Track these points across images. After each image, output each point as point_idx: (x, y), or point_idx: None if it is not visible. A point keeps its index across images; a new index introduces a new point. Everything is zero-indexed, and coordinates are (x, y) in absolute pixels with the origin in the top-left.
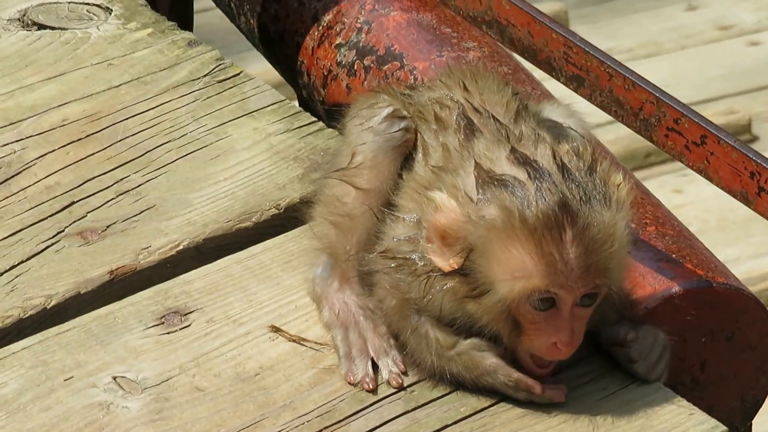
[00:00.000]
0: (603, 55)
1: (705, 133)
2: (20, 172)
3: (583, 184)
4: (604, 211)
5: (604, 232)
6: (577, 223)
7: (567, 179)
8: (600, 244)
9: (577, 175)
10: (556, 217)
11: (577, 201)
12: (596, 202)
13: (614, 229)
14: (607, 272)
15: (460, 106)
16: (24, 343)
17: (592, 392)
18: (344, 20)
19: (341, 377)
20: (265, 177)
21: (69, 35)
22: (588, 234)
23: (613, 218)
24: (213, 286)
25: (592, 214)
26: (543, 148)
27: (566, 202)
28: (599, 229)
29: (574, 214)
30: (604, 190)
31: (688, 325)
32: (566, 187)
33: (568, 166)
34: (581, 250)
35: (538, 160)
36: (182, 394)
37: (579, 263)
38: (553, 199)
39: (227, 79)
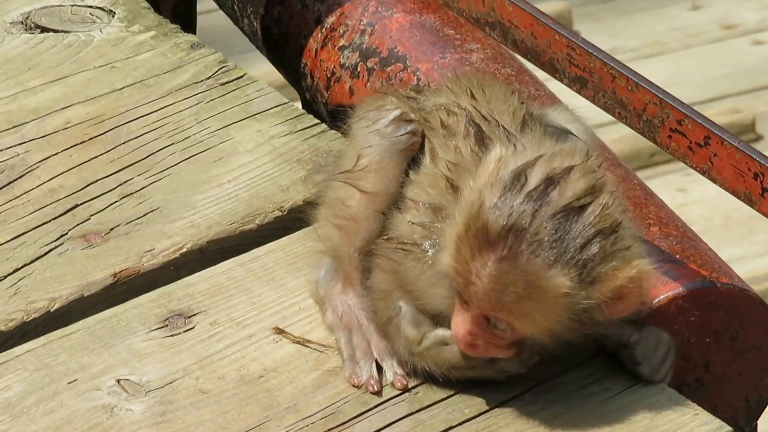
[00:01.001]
0: (606, 57)
1: (708, 134)
2: (23, 175)
3: (559, 234)
4: (546, 269)
5: (525, 283)
6: (505, 258)
7: (548, 218)
8: (512, 288)
9: (568, 223)
10: (494, 235)
11: (529, 241)
12: (550, 257)
13: (541, 288)
14: (514, 316)
15: (467, 114)
16: (27, 346)
17: (596, 393)
18: (347, 22)
19: (345, 379)
20: (269, 179)
21: (72, 38)
22: (506, 271)
23: (552, 280)
24: (217, 289)
25: (531, 259)
26: (577, 183)
27: (514, 231)
28: (522, 277)
29: (511, 248)
30: (583, 257)
31: (693, 325)
32: (537, 223)
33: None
34: (490, 276)
35: (558, 184)
36: (186, 397)
37: (482, 285)
38: (510, 221)
39: (230, 81)
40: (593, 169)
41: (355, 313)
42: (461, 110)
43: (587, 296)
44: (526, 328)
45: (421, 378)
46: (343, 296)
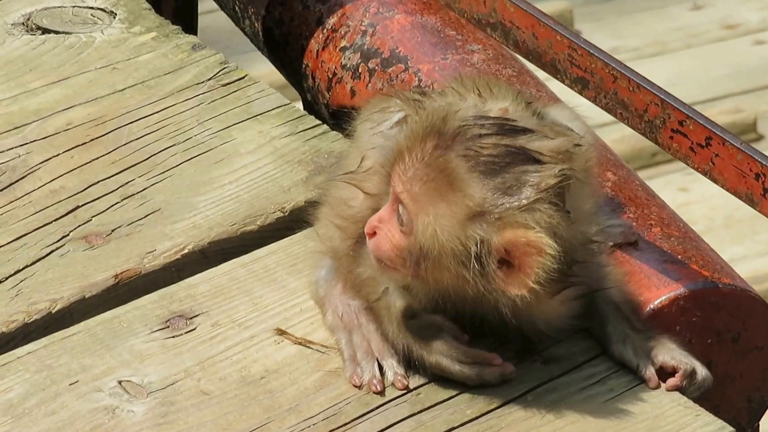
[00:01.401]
0: (608, 57)
1: (710, 134)
2: (24, 177)
3: (500, 162)
4: (468, 175)
5: (442, 178)
6: (439, 147)
7: (502, 145)
8: (429, 176)
9: (514, 163)
10: (447, 127)
11: (468, 147)
12: (479, 170)
13: (456, 188)
14: (416, 207)
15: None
16: (29, 347)
17: (598, 394)
18: (349, 23)
19: (347, 380)
20: (270, 180)
21: (73, 39)
22: (433, 159)
23: (468, 185)
24: (218, 290)
25: (460, 160)
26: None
27: (463, 135)
28: (442, 170)
29: (451, 143)
30: (505, 192)
31: (694, 326)
32: (488, 141)
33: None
34: (417, 159)
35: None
36: (187, 398)
37: (407, 165)
38: (465, 127)
39: (232, 82)
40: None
41: (356, 313)
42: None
43: (486, 232)
44: (423, 229)
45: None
46: (343, 296)
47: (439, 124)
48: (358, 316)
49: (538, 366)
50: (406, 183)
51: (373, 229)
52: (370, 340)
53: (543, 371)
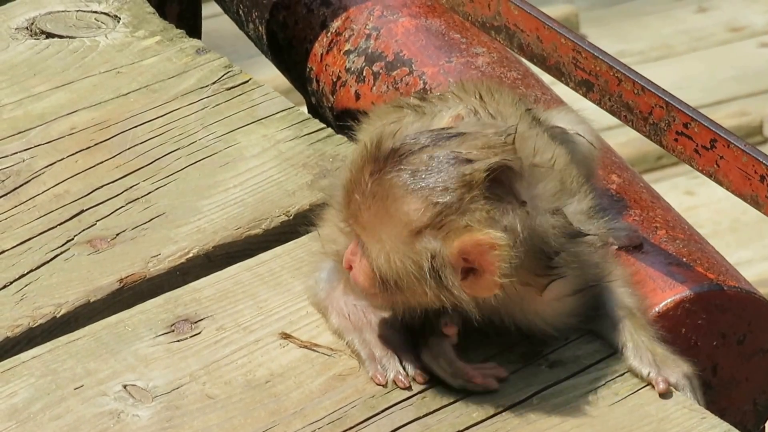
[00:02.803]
0: (612, 60)
1: (714, 136)
2: (29, 181)
3: (433, 172)
4: (403, 191)
5: (381, 199)
6: (375, 171)
7: (431, 155)
8: (371, 200)
9: (446, 167)
10: (382, 152)
11: (401, 166)
12: (413, 185)
13: (391, 208)
14: (365, 232)
15: (476, 114)
16: (34, 352)
17: (603, 397)
18: (353, 27)
19: (352, 383)
20: (275, 184)
21: (77, 44)
22: (371, 183)
23: (402, 202)
24: (223, 294)
25: (394, 180)
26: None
27: (395, 154)
28: (381, 192)
29: (383, 166)
30: (443, 200)
31: (700, 328)
32: (418, 156)
33: (457, 158)
34: (358, 187)
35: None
36: (193, 402)
37: (351, 194)
38: (397, 146)
39: (236, 86)
40: (503, 138)
41: (363, 312)
42: (469, 111)
43: (434, 246)
44: (377, 257)
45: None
46: (345, 297)
47: (373, 150)
48: (366, 314)
49: (543, 369)
50: (354, 214)
51: (349, 263)
52: (383, 335)
53: (549, 374)
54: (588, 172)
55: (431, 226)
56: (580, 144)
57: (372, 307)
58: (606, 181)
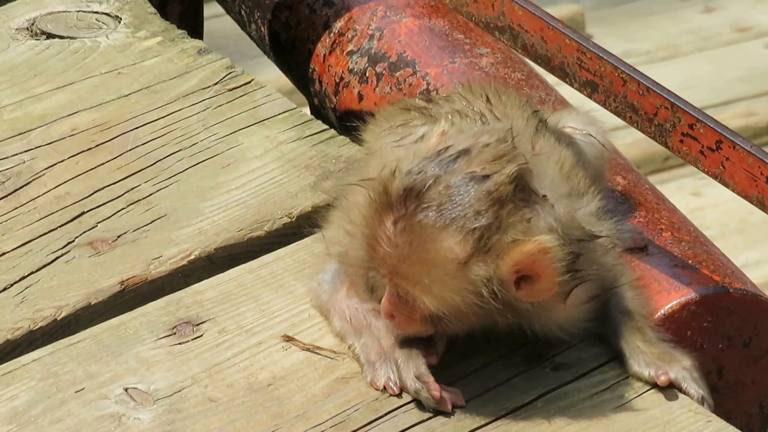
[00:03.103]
0: (617, 61)
1: (720, 138)
2: (29, 183)
3: (456, 200)
4: (437, 231)
5: (417, 245)
6: (399, 219)
7: (447, 184)
8: (406, 250)
9: (468, 191)
10: (395, 197)
11: (425, 205)
12: (444, 221)
13: (432, 251)
14: (412, 283)
15: (482, 116)
16: (34, 354)
17: (608, 400)
18: (356, 27)
19: (355, 387)
20: (277, 185)
21: (78, 44)
22: (400, 232)
23: (442, 243)
24: (225, 296)
25: (423, 221)
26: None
27: (413, 195)
28: (414, 238)
29: (406, 210)
30: (478, 224)
31: (705, 331)
32: (437, 188)
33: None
34: (386, 240)
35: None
36: (194, 405)
37: (382, 249)
38: (410, 184)
39: (238, 87)
40: (508, 142)
41: (364, 315)
42: (475, 113)
43: (487, 269)
44: (428, 300)
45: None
46: (348, 301)
47: (383, 198)
48: (367, 317)
49: (548, 372)
50: (387, 267)
51: (389, 313)
52: (380, 339)
53: (553, 377)
54: (598, 173)
55: (477, 253)
56: (590, 145)
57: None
58: (611, 182)
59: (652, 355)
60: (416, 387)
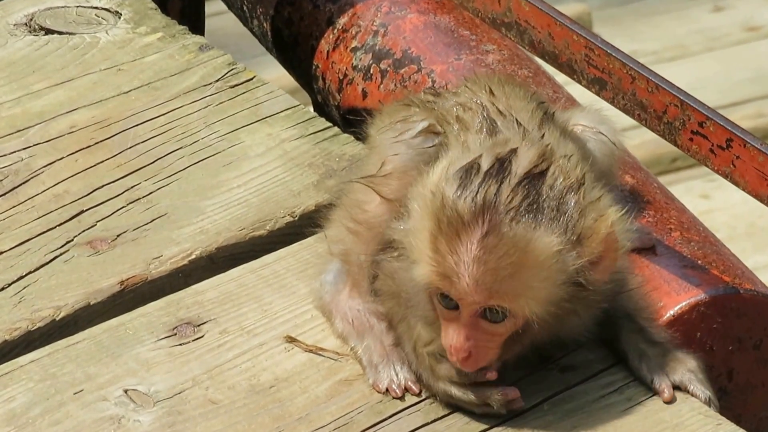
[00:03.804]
0: (625, 57)
1: (730, 136)
2: (28, 181)
3: (531, 198)
4: (531, 231)
5: (516, 251)
6: (488, 232)
7: (514, 186)
8: (505, 262)
9: (536, 188)
10: (473, 216)
11: (505, 211)
12: (530, 220)
13: (533, 252)
14: (512, 296)
15: (484, 109)
16: (32, 355)
17: (616, 403)
18: (360, 23)
19: (359, 389)
20: (279, 184)
21: (77, 40)
22: (494, 246)
23: (540, 241)
24: (226, 296)
25: (514, 226)
26: (527, 153)
27: (487, 207)
28: (512, 246)
29: (494, 222)
30: (561, 214)
31: (715, 333)
32: (506, 194)
33: (532, 174)
34: (478, 260)
35: (511, 160)
36: (195, 407)
37: (473, 273)
38: (479, 198)
39: (240, 84)
40: (536, 140)
41: (366, 317)
42: (478, 105)
43: (577, 255)
44: (527, 307)
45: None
46: (350, 302)
47: (454, 221)
48: (369, 319)
49: (554, 374)
50: (484, 293)
51: (467, 351)
52: (383, 341)
53: (559, 380)
54: (607, 172)
55: (568, 241)
56: (601, 143)
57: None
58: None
59: (656, 358)
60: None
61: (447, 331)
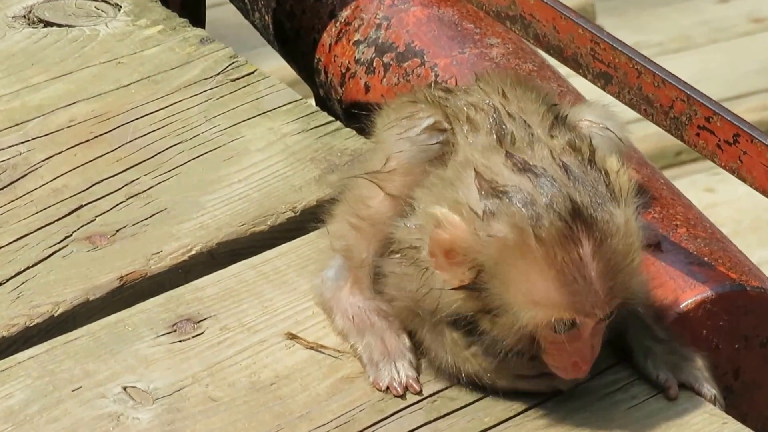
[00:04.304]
0: (631, 51)
1: (738, 131)
2: (26, 175)
3: (590, 182)
4: (617, 211)
5: (625, 241)
6: (594, 234)
7: (572, 180)
8: (623, 257)
9: (580, 172)
10: (570, 229)
11: (589, 205)
12: (607, 201)
13: (632, 232)
14: (632, 285)
15: (495, 110)
16: (30, 352)
17: (621, 401)
18: (363, 16)
19: (360, 386)
20: (281, 179)
21: (76, 33)
22: (608, 246)
23: (627, 216)
24: (227, 293)
25: (608, 217)
26: (540, 148)
27: (578, 210)
28: (619, 237)
29: (589, 222)
30: (608, 181)
31: (721, 330)
32: (574, 190)
33: (569, 164)
34: (603, 267)
35: (537, 164)
36: (195, 405)
37: (603, 285)
38: (564, 207)
39: (241, 77)
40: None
41: (367, 314)
42: (489, 107)
43: (633, 206)
44: (639, 289)
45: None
46: (351, 298)
47: (562, 232)
48: (370, 316)
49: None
50: (613, 300)
51: (587, 364)
52: (384, 338)
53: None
54: None
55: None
56: (607, 139)
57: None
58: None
59: (662, 356)
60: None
61: (562, 352)
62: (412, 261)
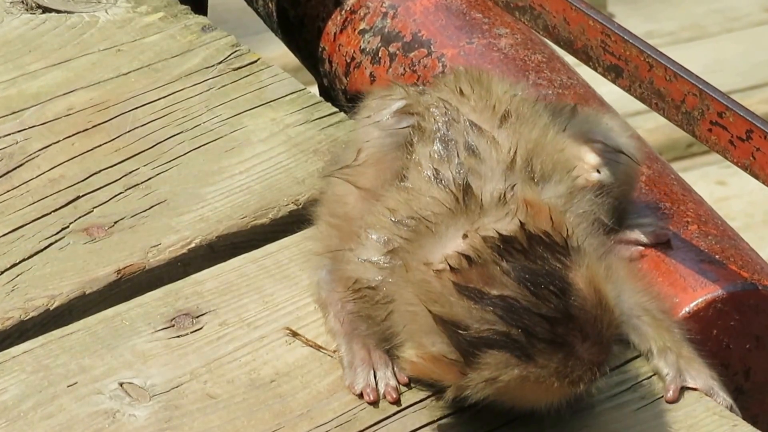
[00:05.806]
0: (643, 44)
1: (751, 127)
2: (22, 164)
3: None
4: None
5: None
6: (585, 330)
7: (533, 292)
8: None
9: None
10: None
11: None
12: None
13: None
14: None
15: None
16: (25, 346)
17: (629, 402)
18: (369, 4)
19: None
20: (283, 171)
21: (75, 19)
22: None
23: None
24: (226, 287)
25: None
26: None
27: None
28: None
29: (578, 326)
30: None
31: (732, 330)
32: (541, 304)
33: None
34: (603, 345)
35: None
36: (193, 402)
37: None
38: (542, 330)
39: (243, 66)
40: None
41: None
42: (438, 110)
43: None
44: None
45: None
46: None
47: (549, 349)
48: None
49: None
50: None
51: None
52: (369, 349)
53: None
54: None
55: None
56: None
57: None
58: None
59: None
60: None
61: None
62: (373, 303)
